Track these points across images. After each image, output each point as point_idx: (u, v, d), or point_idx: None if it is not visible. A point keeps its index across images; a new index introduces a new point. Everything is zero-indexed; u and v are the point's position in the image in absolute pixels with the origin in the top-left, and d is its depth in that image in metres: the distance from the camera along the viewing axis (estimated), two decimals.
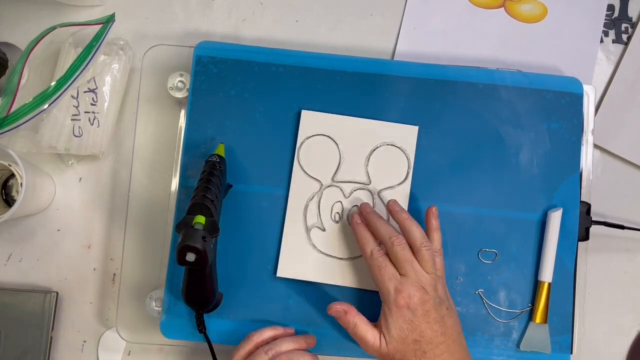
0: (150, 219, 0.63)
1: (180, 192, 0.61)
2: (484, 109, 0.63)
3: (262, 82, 0.62)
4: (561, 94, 0.63)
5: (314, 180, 0.61)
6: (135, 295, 0.62)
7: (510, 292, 0.61)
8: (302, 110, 0.62)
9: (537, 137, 0.62)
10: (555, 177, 0.62)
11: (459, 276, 0.61)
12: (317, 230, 0.61)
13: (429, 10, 0.69)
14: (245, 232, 0.61)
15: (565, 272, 0.61)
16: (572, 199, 0.62)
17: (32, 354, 0.61)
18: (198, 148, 0.61)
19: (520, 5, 0.69)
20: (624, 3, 0.70)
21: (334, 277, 0.60)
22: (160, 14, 0.69)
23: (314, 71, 0.63)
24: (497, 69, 0.65)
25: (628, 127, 0.67)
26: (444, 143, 0.62)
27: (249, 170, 0.61)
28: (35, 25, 0.66)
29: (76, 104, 0.64)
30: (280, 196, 0.61)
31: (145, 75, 0.65)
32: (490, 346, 0.60)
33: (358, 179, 0.61)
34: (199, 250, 0.49)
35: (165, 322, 0.59)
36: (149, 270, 0.62)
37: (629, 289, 0.66)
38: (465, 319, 0.60)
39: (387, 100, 0.62)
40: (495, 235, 0.61)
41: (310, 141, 0.62)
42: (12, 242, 0.65)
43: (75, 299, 0.64)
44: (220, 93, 0.62)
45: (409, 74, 0.63)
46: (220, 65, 0.63)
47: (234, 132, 0.62)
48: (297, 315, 0.60)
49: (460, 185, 0.62)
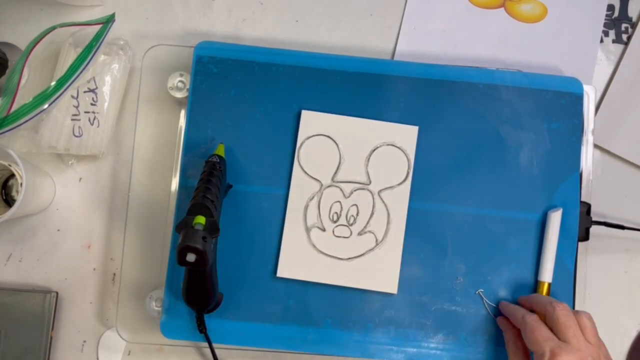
0: (150, 219, 0.63)
1: (181, 192, 0.61)
2: (484, 109, 0.63)
3: (262, 82, 0.62)
4: (561, 94, 0.63)
5: (314, 180, 0.61)
6: (135, 295, 0.62)
7: (511, 292, 0.61)
8: (302, 110, 0.62)
9: (537, 137, 0.62)
10: (555, 177, 0.62)
11: (458, 276, 0.61)
12: (317, 230, 0.61)
13: (429, 10, 0.69)
14: (245, 233, 0.61)
15: (566, 272, 0.61)
16: (572, 199, 0.62)
17: (32, 354, 0.61)
18: (198, 148, 0.61)
19: (520, 5, 0.69)
20: (624, 3, 0.70)
21: (334, 277, 0.60)
22: (160, 14, 0.69)
23: (314, 71, 0.63)
24: (497, 69, 0.65)
25: (628, 127, 0.67)
26: (444, 143, 0.62)
27: (249, 170, 0.61)
28: (35, 25, 0.66)
29: (76, 104, 0.64)
30: (280, 196, 0.61)
31: (145, 75, 0.65)
32: (490, 346, 0.60)
33: (358, 179, 0.61)
34: (199, 251, 0.49)
35: (165, 322, 0.59)
36: (149, 270, 0.62)
37: (629, 289, 0.66)
38: (465, 319, 0.60)
39: (387, 101, 0.62)
40: (495, 235, 0.61)
41: (310, 141, 0.62)
42: (12, 242, 0.65)
43: (75, 299, 0.64)
44: (221, 93, 0.62)
45: (408, 74, 0.63)
46: (221, 65, 0.63)
47: (234, 132, 0.62)
48: (297, 315, 0.60)
49: (460, 185, 0.62)
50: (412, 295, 0.60)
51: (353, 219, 0.61)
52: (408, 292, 0.60)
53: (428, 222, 0.61)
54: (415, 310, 0.60)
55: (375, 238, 0.60)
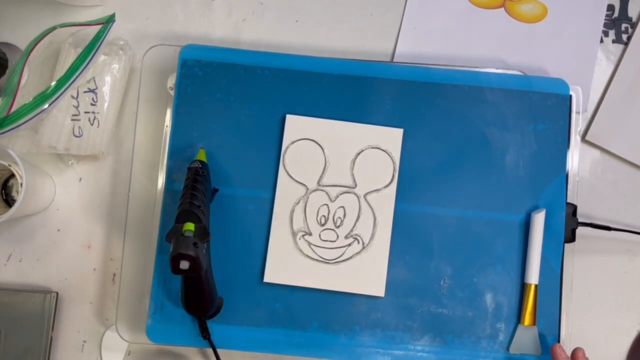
0: (150, 219, 0.63)
1: (166, 196, 0.61)
2: (469, 111, 0.62)
3: (248, 85, 0.62)
4: (547, 95, 0.63)
5: (300, 185, 0.61)
6: (135, 295, 0.62)
7: (497, 294, 0.61)
8: (287, 115, 0.61)
9: (523, 139, 0.62)
10: (541, 178, 0.62)
11: (445, 278, 0.61)
12: (303, 234, 0.61)
13: (428, 11, 0.69)
14: (232, 237, 0.61)
15: (552, 273, 0.60)
16: (558, 200, 0.61)
17: (32, 354, 0.61)
18: (184, 152, 0.61)
19: (520, 5, 0.69)
20: (624, 3, 0.70)
21: (321, 281, 0.60)
22: (160, 14, 0.69)
23: (299, 74, 0.62)
24: (483, 71, 0.64)
25: (628, 127, 0.67)
26: (429, 145, 0.62)
27: (235, 174, 0.61)
28: (35, 25, 0.66)
29: (76, 104, 0.64)
30: (267, 199, 0.61)
31: (145, 75, 0.65)
32: (477, 348, 0.60)
33: (344, 182, 0.61)
34: (192, 257, 0.49)
35: (152, 327, 0.60)
36: (149, 270, 0.62)
37: (629, 290, 0.65)
38: (451, 321, 0.60)
39: (372, 103, 0.62)
40: (482, 237, 0.61)
41: (295, 145, 0.61)
42: (12, 242, 0.65)
43: (75, 299, 0.64)
44: (206, 96, 0.62)
45: (393, 77, 0.63)
46: (206, 68, 0.62)
47: (219, 136, 0.62)
48: (285, 319, 0.60)
49: (446, 188, 0.62)
50: (399, 297, 0.60)
51: (340, 221, 0.61)
52: (394, 294, 0.60)
53: (414, 225, 0.61)
54: (402, 312, 0.60)
55: (361, 241, 0.60)
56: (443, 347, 0.60)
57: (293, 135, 0.61)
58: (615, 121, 0.67)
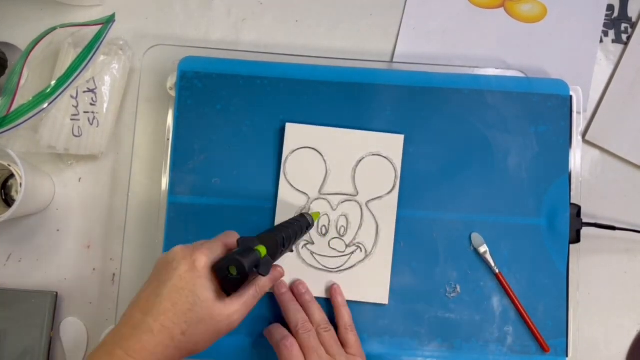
0: (150, 219, 0.63)
1: (170, 209, 0.61)
2: (470, 115, 0.62)
3: (247, 95, 0.62)
4: (547, 96, 0.63)
5: (301, 194, 0.61)
6: None
7: (504, 296, 0.60)
8: (287, 124, 0.61)
9: (524, 141, 0.62)
10: (544, 180, 0.62)
11: (451, 282, 0.61)
12: (306, 243, 0.61)
13: (428, 10, 0.69)
14: None
15: (558, 275, 0.60)
16: (562, 201, 0.61)
17: (32, 354, 0.61)
18: (186, 164, 0.61)
19: (520, 5, 0.69)
20: (624, 3, 0.70)
21: (323, 289, 0.60)
22: (160, 14, 0.69)
23: (298, 82, 0.62)
24: (483, 74, 0.64)
25: (628, 127, 0.67)
26: (430, 150, 0.62)
27: (237, 184, 0.61)
28: (35, 25, 0.67)
29: (75, 104, 0.64)
30: (269, 209, 0.61)
31: (144, 75, 0.65)
32: (485, 352, 0.60)
33: (345, 190, 0.61)
34: (244, 271, 0.46)
35: None
36: (149, 270, 0.62)
37: (629, 289, 0.65)
38: (459, 326, 0.60)
39: (372, 110, 0.62)
40: (486, 241, 0.61)
41: (295, 154, 0.61)
42: (12, 242, 0.65)
43: (75, 299, 0.64)
44: (206, 108, 0.62)
45: (393, 82, 0.62)
46: (205, 80, 0.62)
47: (221, 147, 0.62)
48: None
49: (449, 192, 0.61)
50: (406, 304, 0.60)
51: (344, 229, 0.61)
52: (401, 301, 0.60)
53: (418, 231, 0.61)
54: (409, 318, 0.60)
55: (364, 249, 0.60)
56: (452, 351, 0.60)
57: (293, 144, 0.61)
58: (615, 121, 0.67)
